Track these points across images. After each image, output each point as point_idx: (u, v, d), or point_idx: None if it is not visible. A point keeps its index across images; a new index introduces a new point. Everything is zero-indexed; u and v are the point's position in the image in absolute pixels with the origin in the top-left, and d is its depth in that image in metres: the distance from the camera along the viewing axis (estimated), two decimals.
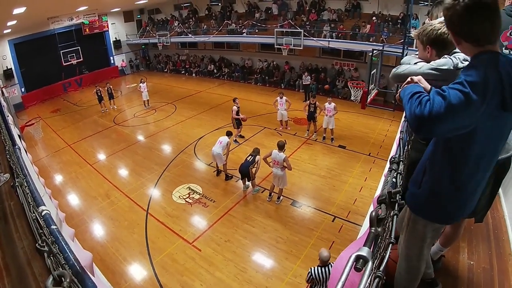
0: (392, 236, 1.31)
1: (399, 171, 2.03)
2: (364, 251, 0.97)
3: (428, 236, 1.82)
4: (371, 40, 14.44)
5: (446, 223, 1.80)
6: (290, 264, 6.31)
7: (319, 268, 4.54)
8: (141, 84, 16.06)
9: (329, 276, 4.35)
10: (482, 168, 1.56)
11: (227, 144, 8.92)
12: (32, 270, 2.26)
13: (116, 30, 24.75)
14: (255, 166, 8.11)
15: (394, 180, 1.97)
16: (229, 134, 9.21)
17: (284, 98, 11.85)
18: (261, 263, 6.43)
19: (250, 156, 8.20)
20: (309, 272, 4.61)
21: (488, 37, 1.33)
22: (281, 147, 7.49)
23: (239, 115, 11.14)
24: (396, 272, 2.10)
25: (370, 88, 10.39)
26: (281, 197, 8.18)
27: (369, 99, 10.51)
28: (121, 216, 8.16)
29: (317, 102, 11.09)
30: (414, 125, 1.27)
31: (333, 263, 4.47)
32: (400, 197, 1.51)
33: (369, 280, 0.97)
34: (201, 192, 8.85)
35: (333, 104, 10.69)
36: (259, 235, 7.15)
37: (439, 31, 2.02)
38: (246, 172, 8.13)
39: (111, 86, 16.49)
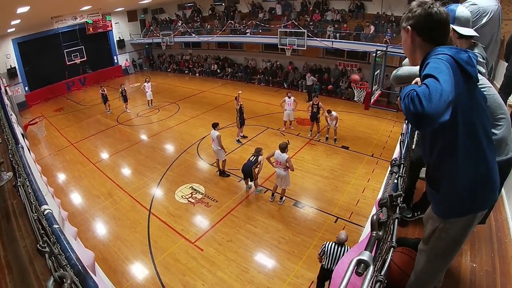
0: (394, 239, 1.30)
1: (400, 174, 2.01)
2: (365, 256, 0.96)
3: (466, 236, 1.78)
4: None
5: (484, 208, 1.75)
6: (292, 265, 6.30)
7: (334, 244, 4.85)
8: (145, 84, 16.07)
9: (340, 255, 4.76)
10: (482, 140, 1.59)
11: (217, 137, 8.89)
12: (34, 269, 2.26)
13: (120, 29, 24.83)
14: (258, 166, 8.11)
15: (395, 183, 1.95)
16: (215, 126, 9.01)
17: (292, 98, 11.86)
18: (263, 264, 6.43)
19: (253, 156, 8.19)
20: (323, 245, 4.94)
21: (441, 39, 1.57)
22: (283, 148, 7.49)
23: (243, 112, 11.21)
24: (414, 278, 2.08)
25: (373, 89, 10.33)
26: (284, 198, 8.17)
27: (372, 100, 10.45)
28: (123, 215, 8.19)
29: (320, 103, 11.08)
30: (413, 122, 1.28)
31: (348, 246, 4.91)
32: (401, 200, 1.49)
33: (370, 284, 0.96)
34: (203, 192, 8.86)
35: (334, 114, 10.74)
36: (261, 235, 7.15)
37: None
38: (248, 172, 8.13)
39: (125, 88, 16.10)
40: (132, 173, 10.42)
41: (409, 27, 1.62)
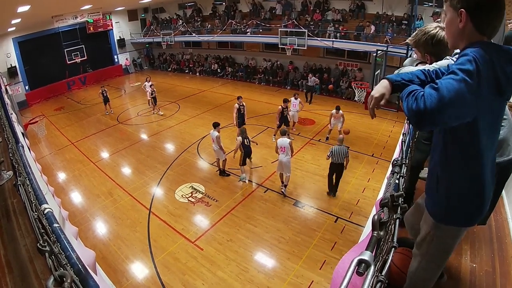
0: (395, 239, 1.30)
1: (401, 174, 2.01)
2: (366, 255, 0.96)
3: (455, 245, 1.73)
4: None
5: (471, 225, 1.71)
6: (292, 264, 6.30)
7: (337, 146, 7.53)
8: (146, 83, 16.00)
9: (343, 151, 7.50)
10: (491, 159, 1.51)
11: (216, 138, 8.92)
12: (34, 268, 2.26)
13: (120, 28, 24.82)
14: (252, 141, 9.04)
15: (396, 183, 1.95)
16: (215, 125, 9.03)
17: (299, 99, 11.86)
18: (263, 263, 6.43)
19: (246, 140, 8.76)
20: (330, 149, 7.62)
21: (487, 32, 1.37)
22: (283, 132, 8.01)
23: (243, 114, 11.15)
24: (408, 282, 2.05)
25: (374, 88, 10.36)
26: (285, 188, 8.38)
27: None
28: (123, 214, 8.19)
29: (289, 106, 11.28)
30: (414, 120, 1.25)
31: (346, 146, 7.60)
32: (402, 200, 1.49)
33: (371, 284, 0.96)
34: (203, 191, 8.86)
35: (340, 112, 10.78)
36: (261, 235, 7.15)
37: (434, 39, 2.00)
38: (250, 150, 9.01)
39: (155, 89, 15.45)
40: (132, 172, 10.41)
41: (463, 10, 1.34)
